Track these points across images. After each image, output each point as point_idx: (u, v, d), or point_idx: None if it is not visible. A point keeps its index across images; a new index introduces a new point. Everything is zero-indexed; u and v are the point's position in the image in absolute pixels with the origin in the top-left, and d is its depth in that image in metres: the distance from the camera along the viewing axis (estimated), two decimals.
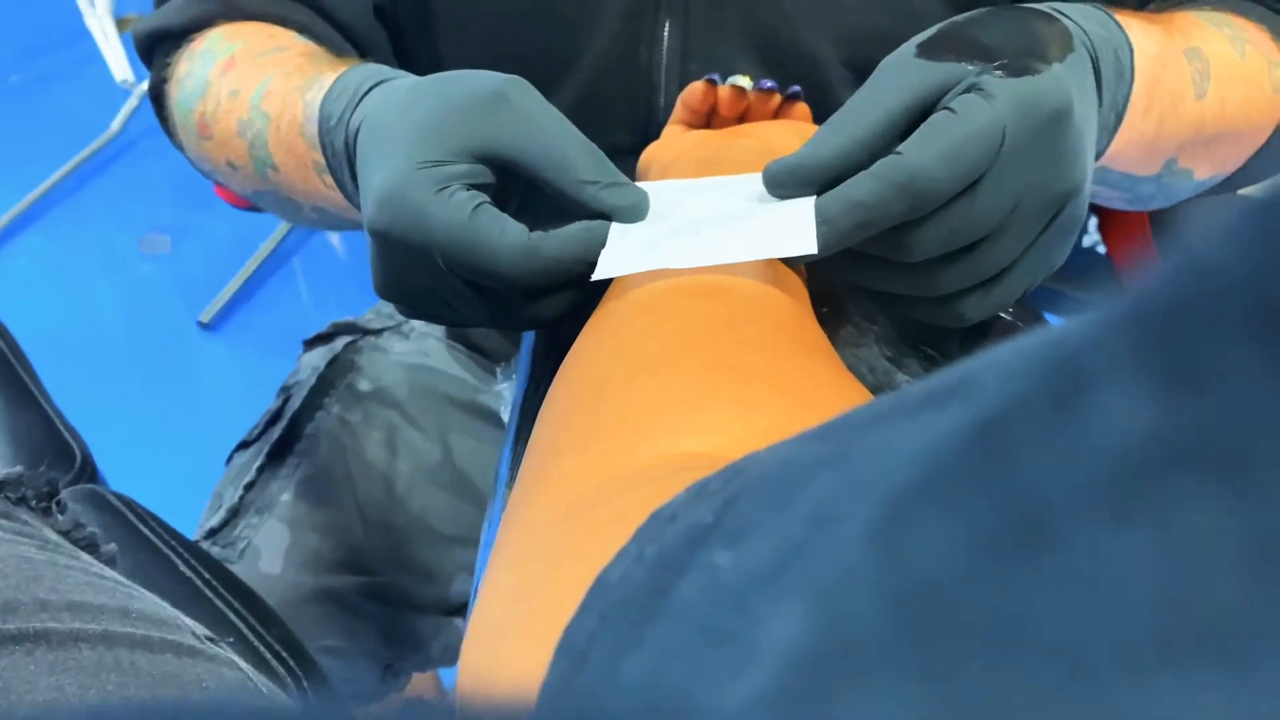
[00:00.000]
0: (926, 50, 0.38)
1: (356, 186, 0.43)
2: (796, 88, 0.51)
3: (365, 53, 0.60)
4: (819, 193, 0.38)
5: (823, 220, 0.36)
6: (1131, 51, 0.42)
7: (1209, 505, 0.09)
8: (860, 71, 0.40)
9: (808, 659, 0.10)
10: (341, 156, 0.45)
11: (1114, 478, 0.09)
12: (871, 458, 0.12)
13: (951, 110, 0.36)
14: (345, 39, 0.60)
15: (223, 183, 0.59)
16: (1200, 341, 0.09)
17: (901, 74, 0.38)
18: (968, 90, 0.36)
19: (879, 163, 0.36)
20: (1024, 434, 0.10)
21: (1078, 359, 0.10)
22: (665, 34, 0.57)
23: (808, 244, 0.36)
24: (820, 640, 0.10)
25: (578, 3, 0.57)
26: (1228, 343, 0.09)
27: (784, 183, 0.38)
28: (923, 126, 0.36)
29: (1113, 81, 0.41)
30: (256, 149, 0.52)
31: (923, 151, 0.35)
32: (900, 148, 0.36)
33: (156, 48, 0.60)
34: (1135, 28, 0.44)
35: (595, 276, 0.38)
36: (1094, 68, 0.40)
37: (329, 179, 0.48)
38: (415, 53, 0.62)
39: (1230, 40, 0.50)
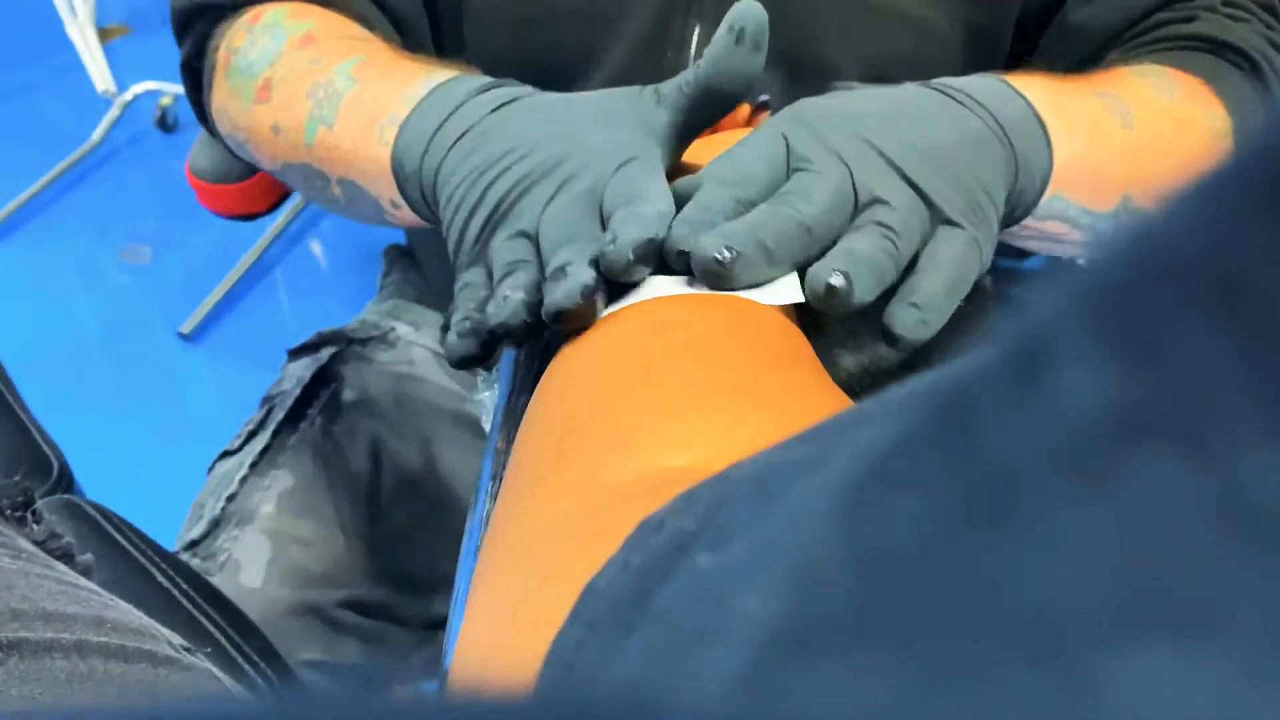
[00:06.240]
0: None
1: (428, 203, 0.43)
2: (765, 97, 0.51)
3: (410, 39, 0.60)
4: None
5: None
6: (1019, 92, 0.43)
7: (1168, 473, 0.09)
8: None
9: (780, 636, 0.10)
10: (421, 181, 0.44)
11: (1075, 447, 0.09)
12: (849, 454, 0.12)
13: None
14: (394, 27, 0.59)
15: (247, 155, 0.57)
16: (1158, 313, 0.09)
17: None
18: None
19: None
20: (986, 408, 0.10)
21: (1039, 333, 0.10)
22: (694, 38, 0.57)
23: (793, 292, 0.36)
24: (791, 616, 0.10)
25: (611, 1, 0.57)
26: (1185, 313, 0.09)
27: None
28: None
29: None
30: (322, 107, 0.50)
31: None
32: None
33: (194, 20, 0.59)
34: (1020, 80, 0.44)
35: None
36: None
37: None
38: (445, 41, 0.62)
39: (1155, 87, 0.50)
